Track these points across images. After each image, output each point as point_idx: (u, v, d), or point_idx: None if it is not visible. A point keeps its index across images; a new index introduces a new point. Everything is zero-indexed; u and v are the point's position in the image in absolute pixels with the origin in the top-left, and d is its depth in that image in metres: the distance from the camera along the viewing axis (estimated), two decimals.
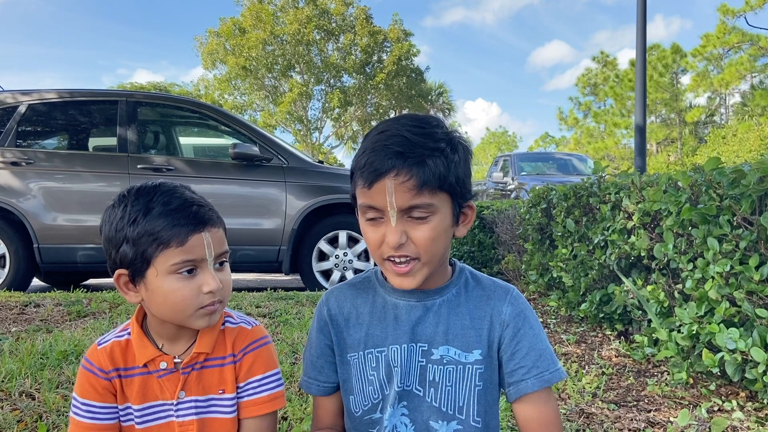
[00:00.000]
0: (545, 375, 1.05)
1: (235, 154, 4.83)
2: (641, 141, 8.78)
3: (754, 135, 18.97)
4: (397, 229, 0.98)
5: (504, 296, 1.09)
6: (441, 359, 1.07)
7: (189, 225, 1.01)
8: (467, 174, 1.02)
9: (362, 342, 1.12)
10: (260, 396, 1.13)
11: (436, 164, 0.95)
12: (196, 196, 1.08)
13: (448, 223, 1.02)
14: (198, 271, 1.03)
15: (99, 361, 1.09)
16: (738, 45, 25.62)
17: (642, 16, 8.48)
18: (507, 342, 1.06)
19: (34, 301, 3.78)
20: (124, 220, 1.02)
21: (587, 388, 2.36)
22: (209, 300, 1.04)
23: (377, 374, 1.10)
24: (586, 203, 3.47)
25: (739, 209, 2.09)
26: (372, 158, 0.96)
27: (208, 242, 1.03)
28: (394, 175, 0.94)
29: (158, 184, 1.07)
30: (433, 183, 0.95)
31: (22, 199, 4.64)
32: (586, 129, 36.31)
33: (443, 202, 0.99)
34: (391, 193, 0.95)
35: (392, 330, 1.10)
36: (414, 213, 0.97)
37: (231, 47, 27.07)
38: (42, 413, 1.88)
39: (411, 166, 0.94)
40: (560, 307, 3.88)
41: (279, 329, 3.11)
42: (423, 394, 1.07)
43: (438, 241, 1.00)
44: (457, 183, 0.99)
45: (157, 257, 1.00)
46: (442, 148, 0.97)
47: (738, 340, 1.99)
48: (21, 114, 4.87)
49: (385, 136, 0.98)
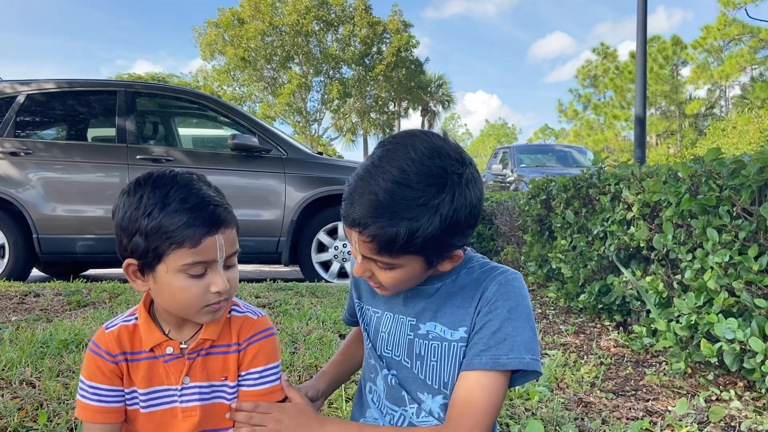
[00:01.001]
0: (501, 359, 1.00)
1: (235, 145, 4.82)
2: (641, 133, 8.77)
3: (754, 127, 18.95)
4: (362, 266, 1.03)
5: (498, 276, 1.06)
6: (427, 334, 1.08)
7: (204, 227, 0.99)
8: (453, 232, 0.95)
9: (367, 297, 1.23)
10: (259, 388, 1.14)
11: (401, 234, 0.91)
12: (212, 191, 1.05)
13: (419, 270, 1.01)
14: (208, 271, 1.03)
15: (106, 344, 1.10)
16: (738, 37, 25.56)
17: (642, 8, 8.45)
18: (481, 315, 1.04)
19: (34, 290, 3.78)
20: (139, 211, 1.00)
21: (586, 378, 2.37)
22: (216, 299, 1.04)
23: (369, 330, 1.21)
24: (585, 194, 3.48)
25: (738, 200, 2.09)
26: (346, 204, 0.97)
27: (220, 244, 1.02)
28: (358, 232, 0.95)
29: (175, 175, 1.04)
30: (395, 250, 0.94)
31: (21, 189, 4.64)
32: (586, 121, 36.25)
33: (410, 260, 0.98)
34: (355, 242, 0.98)
35: (389, 298, 1.16)
36: (377, 263, 1.00)
37: (230, 38, 26.99)
38: (42, 401, 1.88)
39: (371, 233, 0.93)
40: (559, 298, 3.89)
41: (279, 320, 3.11)
42: (410, 366, 1.10)
43: (406, 282, 1.03)
44: (428, 247, 0.95)
45: (169, 255, 1.00)
46: (414, 218, 0.91)
47: (736, 330, 2.00)
48: (20, 104, 4.86)
49: (365, 184, 0.94)
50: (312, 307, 3.43)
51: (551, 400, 2.07)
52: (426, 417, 1.09)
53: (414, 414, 1.10)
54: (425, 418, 1.09)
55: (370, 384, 1.20)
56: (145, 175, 1.05)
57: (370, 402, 1.19)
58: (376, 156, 0.98)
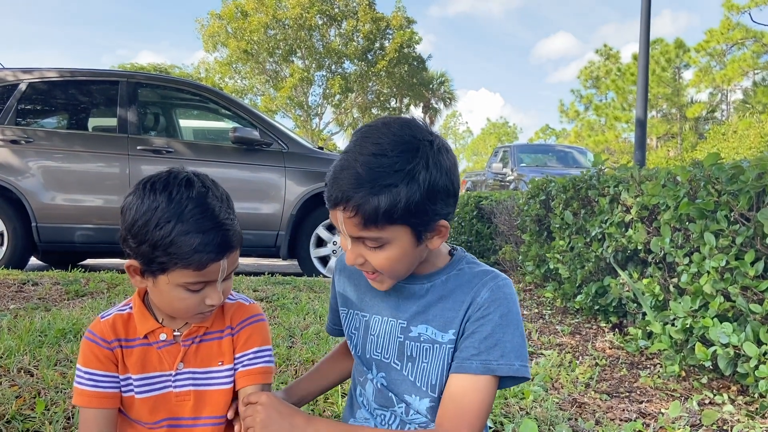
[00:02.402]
0: (491, 364, 1.02)
1: (235, 137, 4.82)
2: (641, 135, 8.78)
3: (755, 132, 18.94)
4: (352, 251, 1.03)
5: (489, 282, 1.08)
6: (418, 336, 1.10)
7: (212, 253, 1.01)
8: (434, 197, 0.98)
9: (353, 302, 1.23)
10: (254, 367, 1.18)
11: (383, 201, 0.94)
12: (224, 209, 1.05)
13: (408, 246, 1.02)
14: (206, 286, 1.07)
15: (101, 332, 1.13)
16: (741, 41, 25.53)
17: (646, 10, 8.45)
18: (473, 320, 1.06)
19: (32, 279, 3.79)
20: (152, 223, 1.00)
21: (580, 379, 2.38)
22: (208, 309, 1.10)
23: (357, 334, 1.21)
24: (584, 196, 3.49)
25: (736, 205, 2.10)
26: (328, 186, 0.99)
27: (223, 268, 1.05)
28: (342, 209, 0.97)
29: (191, 185, 1.04)
30: (379, 220, 0.96)
31: (21, 177, 4.64)
32: (587, 122, 36.22)
33: (397, 232, 0.99)
34: (341, 222, 1.00)
35: (379, 301, 1.17)
36: (366, 242, 1.01)
37: (233, 30, 26.90)
38: (40, 390, 1.89)
39: (355, 204, 0.95)
40: (556, 299, 3.91)
41: (276, 313, 3.12)
42: (400, 368, 1.12)
43: (398, 263, 1.03)
44: (412, 214, 0.97)
45: (173, 271, 1.02)
46: (393, 184, 0.94)
47: (731, 335, 2.02)
48: (21, 92, 4.85)
49: (343, 163, 0.98)
50: (309, 301, 3.44)
51: (546, 399, 2.09)
52: (414, 415, 1.11)
53: (403, 413, 1.13)
54: (414, 416, 1.12)
55: (360, 388, 1.22)
56: (160, 181, 1.04)
57: (361, 404, 1.21)
58: (352, 141, 1.02)
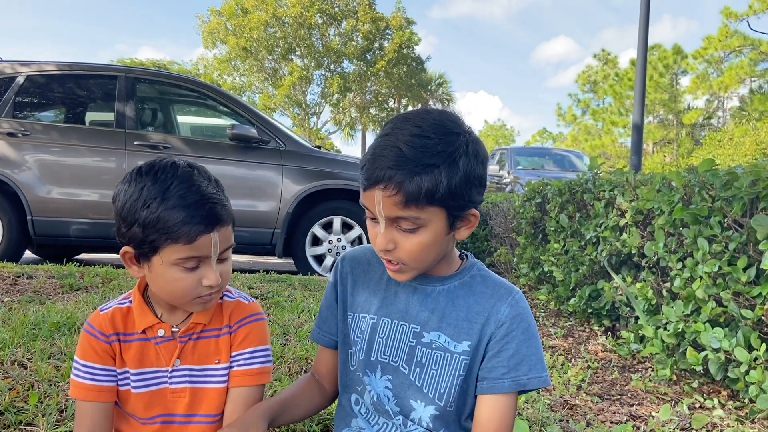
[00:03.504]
0: (521, 379, 1.08)
1: (233, 135, 4.82)
2: (638, 140, 8.82)
3: (750, 139, 19.01)
4: (385, 235, 1.03)
5: (506, 297, 1.11)
6: (430, 343, 1.11)
7: (200, 225, 1.02)
8: (470, 184, 1.00)
9: (360, 305, 1.20)
10: (250, 368, 1.17)
11: (426, 181, 0.95)
12: (212, 187, 1.07)
13: (441, 232, 1.03)
14: (201, 265, 1.06)
15: (100, 325, 1.14)
16: (739, 48, 25.64)
17: (645, 15, 8.48)
18: (497, 339, 1.08)
19: (27, 272, 3.78)
20: (139, 203, 1.02)
21: (572, 381, 2.40)
22: (207, 292, 1.08)
23: (363, 338, 1.17)
24: (580, 199, 3.50)
25: (730, 211, 2.11)
26: (368, 165, 0.99)
27: (215, 242, 1.05)
28: (383, 188, 0.97)
29: (177, 167, 1.06)
30: (421, 199, 0.96)
31: (17, 170, 4.63)
32: (584, 126, 36.34)
33: (434, 215, 1.00)
34: (379, 202, 0.99)
35: (388, 303, 1.16)
36: (401, 224, 1.01)
37: (232, 27, 26.87)
38: (34, 382, 1.89)
39: (398, 181, 0.96)
40: (550, 301, 3.92)
41: (271, 311, 3.13)
42: (408, 372, 1.12)
43: (427, 250, 1.04)
44: (451, 197, 0.98)
45: (165, 248, 1.03)
46: (435, 164, 0.96)
47: (722, 340, 2.03)
48: (19, 85, 4.84)
49: (384, 143, 0.99)
50: (304, 299, 3.44)
51: (537, 401, 2.10)
52: (413, 426, 1.12)
53: (401, 424, 1.13)
54: (412, 427, 1.12)
55: (356, 396, 1.20)
56: (147, 165, 1.07)
57: (357, 413, 1.19)
58: (389, 126, 1.03)
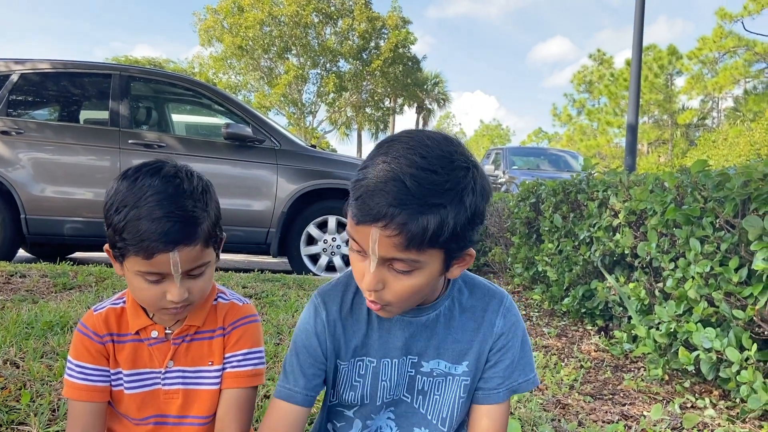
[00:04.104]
0: (513, 385, 1.09)
1: (228, 134, 4.81)
2: (633, 140, 8.85)
3: (744, 140, 19.11)
4: (375, 276, 0.91)
5: (497, 308, 1.09)
6: (431, 372, 1.08)
7: (160, 243, 0.98)
8: (474, 223, 0.90)
9: (355, 350, 1.08)
10: (243, 369, 1.17)
11: (432, 222, 0.84)
12: (189, 201, 1.02)
13: (435, 274, 0.93)
14: (165, 280, 1.03)
15: (94, 325, 1.13)
16: (734, 49, 25.74)
17: (640, 16, 8.51)
18: (494, 352, 1.08)
19: (20, 271, 3.77)
20: (113, 206, 1.01)
21: (565, 380, 2.41)
22: (171, 306, 1.05)
23: (362, 382, 1.08)
24: (574, 199, 3.51)
25: (722, 212, 2.13)
26: (365, 197, 0.86)
27: (175, 261, 1.00)
28: (382, 226, 0.85)
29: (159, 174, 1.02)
30: (423, 242, 0.86)
31: (11, 168, 4.61)
32: (579, 126, 36.43)
33: (433, 258, 0.90)
34: (375, 241, 0.87)
35: (384, 342, 1.07)
36: (396, 265, 0.90)
37: (228, 25, 26.80)
38: (26, 382, 1.89)
39: (401, 222, 0.84)
40: (543, 301, 3.93)
41: (265, 310, 3.13)
42: (411, 401, 1.10)
43: (418, 293, 0.95)
44: (454, 238, 0.88)
45: (128, 257, 1.01)
46: (443, 204, 0.85)
47: (714, 340, 2.04)
48: (13, 83, 4.82)
49: (386, 173, 0.85)
50: (299, 299, 3.44)
51: (530, 400, 2.10)
52: None
53: None
54: None
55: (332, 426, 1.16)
56: (134, 168, 1.05)
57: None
58: (388, 152, 0.89)
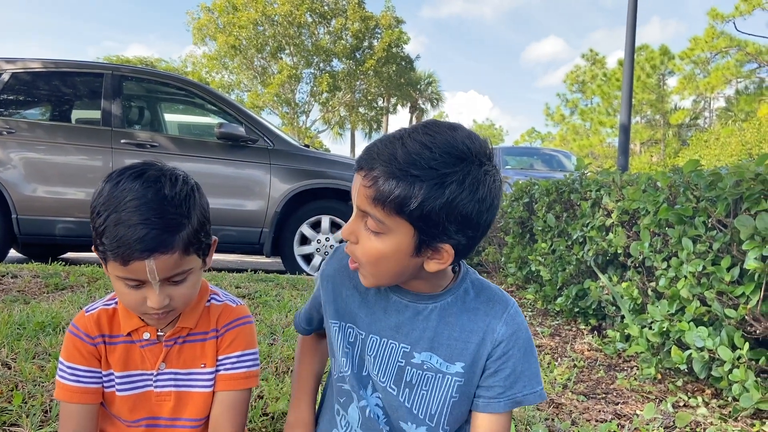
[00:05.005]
0: (516, 396, 1.04)
1: (221, 133, 4.79)
2: (625, 140, 8.88)
3: (736, 140, 19.21)
4: (351, 224, 0.97)
5: (501, 314, 1.05)
6: (421, 364, 1.05)
7: (135, 250, 0.96)
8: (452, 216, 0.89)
9: (346, 315, 1.11)
10: (236, 372, 1.16)
11: (399, 188, 0.87)
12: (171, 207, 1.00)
13: (404, 250, 0.94)
14: (144, 285, 1.02)
15: (85, 327, 1.12)
16: (725, 50, 25.86)
17: (632, 16, 8.54)
18: (494, 359, 1.04)
19: (12, 271, 3.74)
20: (96, 209, 0.99)
21: (558, 380, 2.41)
22: (152, 311, 1.04)
23: (351, 352, 1.10)
24: (567, 199, 3.52)
25: (714, 211, 2.14)
26: (367, 147, 0.95)
27: (151, 269, 0.98)
28: (363, 175, 0.91)
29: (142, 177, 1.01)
30: (387, 204, 0.89)
31: (2, 168, 4.57)
32: (572, 126, 36.52)
33: (400, 228, 0.91)
34: (356, 188, 0.94)
35: (377, 319, 1.08)
36: (368, 222, 0.93)
37: (222, 24, 26.72)
38: (18, 383, 1.88)
39: (375, 176, 0.89)
40: (537, 300, 3.94)
41: (258, 310, 3.12)
42: (396, 394, 1.06)
43: (384, 261, 0.95)
44: (422, 218, 0.89)
45: (108, 262, 1.00)
46: (418, 177, 0.87)
47: (706, 339, 2.05)
48: (4, 82, 4.78)
49: (393, 136, 0.93)
50: (292, 299, 3.43)
51: None
52: None
53: None
54: None
55: (338, 407, 1.14)
56: (119, 170, 1.03)
57: (338, 424, 1.14)
58: (413, 125, 0.95)
